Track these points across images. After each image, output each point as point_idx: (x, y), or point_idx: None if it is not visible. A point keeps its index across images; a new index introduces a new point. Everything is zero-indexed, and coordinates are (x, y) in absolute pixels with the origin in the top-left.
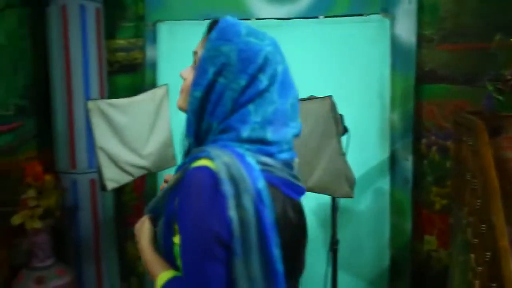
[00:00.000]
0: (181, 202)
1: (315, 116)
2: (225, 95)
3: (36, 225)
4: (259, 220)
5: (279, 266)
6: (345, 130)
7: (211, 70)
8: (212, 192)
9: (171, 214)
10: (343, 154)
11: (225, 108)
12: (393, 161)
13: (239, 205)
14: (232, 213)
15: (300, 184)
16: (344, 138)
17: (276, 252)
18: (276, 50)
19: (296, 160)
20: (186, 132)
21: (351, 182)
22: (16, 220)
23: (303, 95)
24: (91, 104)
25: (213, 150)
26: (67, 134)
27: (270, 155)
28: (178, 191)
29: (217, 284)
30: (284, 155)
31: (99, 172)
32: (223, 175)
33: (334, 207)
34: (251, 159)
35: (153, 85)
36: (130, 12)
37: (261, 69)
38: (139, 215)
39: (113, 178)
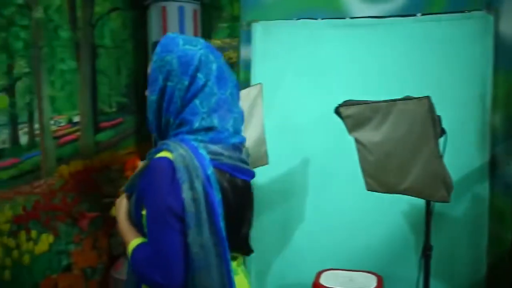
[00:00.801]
0: (146, 184)
1: (411, 117)
2: (175, 95)
3: None
4: (208, 199)
5: (223, 234)
6: (442, 132)
7: (160, 77)
8: (170, 178)
9: (140, 192)
10: (440, 157)
11: (176, 105)
12: (493, 165)
13: (192, 188)
14: (185, 194)
15: (248, 167)
16: (440, 141)
17: (221, 224)
18: (208, 52)
19: (245, 143)
20: (150, 130)
21: (448, 186)
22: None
23: (398, 95)
24: None
25: (172, 143)
26: None
27: (221, 141)
28: (145, 175)
29: (173, 249)
30: (233, 140)
31: None
32: (178, 164)
33: (429, 212)
34: (203, 150)
35: (246, 84)
36: (226, 12)
37: (198, 69)
38: None
39: None
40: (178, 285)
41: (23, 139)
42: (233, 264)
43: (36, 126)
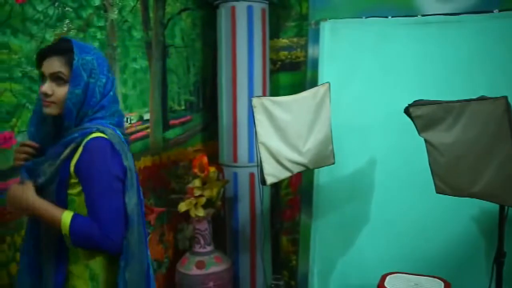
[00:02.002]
0: (86, 161)
1: (486, 117)
2: (95, 91)
3: (199, 213)
4: (133, 168)
5: (142, 196)
6: None
7: (84, 74)
8: (111, 151)
9: (66, 174)
10: None
11: (96, 99)
12: None
13: (127, 159)
14: (125, 163)
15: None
16: None
17: (140, 187)
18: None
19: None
20: (68, 119)
21: None
22: (182, 207)
23: (471, 95)
24: (255, 101)
25: (100, 126)
26: (230, 129)
27: (121, 123)
28: (80, 157)
29: (120, 211)
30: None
31: (260, 166)
32: (114, 140)
33: (503, 216)
34: (118, 131)
35: (314, 83)
36: (294, 11)
37: (108, 69)
38: (294, 210)
39: (273, 173)
40: (121, 241)
41: None
42: None
43: None
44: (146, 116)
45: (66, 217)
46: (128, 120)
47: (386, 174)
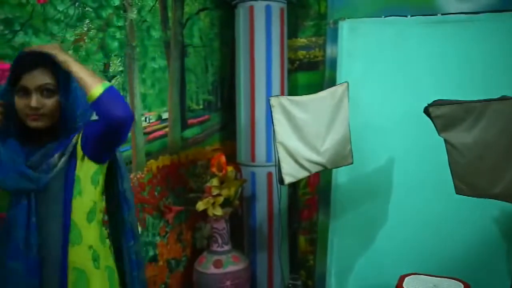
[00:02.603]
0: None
1: (507, 117)
2: (83, 100)
3: (217, 212)
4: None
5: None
6: None
7: (74, 85)
8: None
9: (75, 160)
10: None
11: (85, 101)
12: None
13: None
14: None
15: None
16: None
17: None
18: None
19: None
20: (69, 125)
21: None
22: (200, 206)
23: (491, 95)
24: (273, 100)
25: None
26: (248, 128)
27: None
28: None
29: None
30: None
31: (278, 166)
32: None
33: None
34: None
35: (332, 83)
36: (312, 11)
37: None
38: (312, 210)
39: (291, 172)
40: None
41: None
42: None
43: None
44: (165, 116)
45: (106, 84)
46: (147, 119)
47: (404, 174)
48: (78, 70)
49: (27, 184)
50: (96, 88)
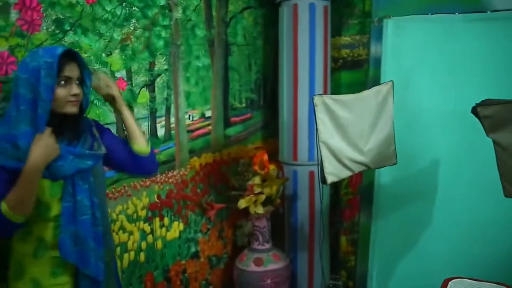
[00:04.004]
0: (101, 126)
1: None
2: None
3: (258, 210)
4: None
5: None
6: None
7: (88, 78)
8: None
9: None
10: None
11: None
12: None
13: None
14: None
15: None
16: None
17: None
18: None
19: None
20: (83, 111)
21: None
22: (242, 204)
23: None
24: (317, 99)
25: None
26: (291, 127)
27: None
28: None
29: None
30: None
31: (321, 165)
32: None
33: None
34: None
35: (376, 81)
36: (357, 9)
37: None
38: (354, 210)
39: (333, 172)
40: None
41: (160, 132)
42: None
43: (172, 120)
44: (208, 114)
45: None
46: (190, 117)
47: (450, 175)
48: (130, 119)
49: (85, 164)
50: (145, 146)
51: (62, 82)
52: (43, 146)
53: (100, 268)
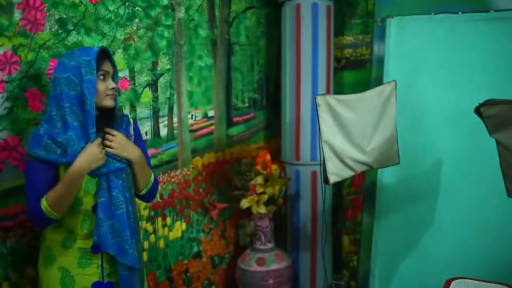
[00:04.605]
0: (137, 131)
1: None
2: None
3: (261, 210)
4: None
5: None
6: None
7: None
8: None
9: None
10: None
11: None
12: None
13: None
14: None
15: None
16: None
17: None
18: None
19: None
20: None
21: None
22: (244, 204)
23: None
24: (320, 99)
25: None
26: (293, 126)
27: None
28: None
29: None
30: None
31: (323, 165)
32: None
33: None
34: None
35: (379, 81)
36: (360, 9)
37: None
38: (356, 210)
39: (336, 172)
40: None
41: (163, 131)
42: None
43: (175, 119)
44: (211, 113)
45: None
46: (193, 117)
47: (452, 175)
48: (141, 178)
49: (121, 164)
50: (152, 176)
51: (101, 77)
52: (91, 155)
53: (136, 258)
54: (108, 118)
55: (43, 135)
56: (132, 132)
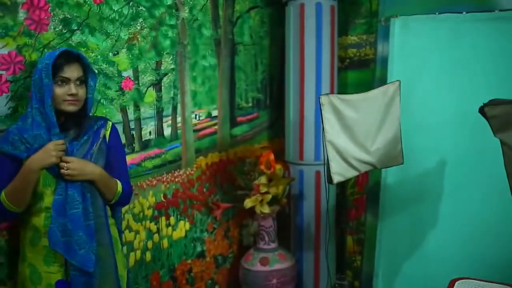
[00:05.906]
0: (115, 137)
1: None
2: (92, 90)
3: (264, 210)
4: None
5: None
6: None
7: (92, 79)
8: None
9: (111, 149)
10: None
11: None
12: None
13: None
14: None
15: None
16: None
17: None
18: None
19: None
20: (89, 111)
21: None
22: (248, 203)
23: None
24: (323, 99)
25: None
26: (297, 126)
27: None
28: (111, 134)
29: None
30: None
31: (327, 165)
32: None
33: None
34: None
35: (383, 81)
36: (364, 8)
37: None
38: (360, 210)
39: (340, 172)
40: None
41: (167, 131)
42: None
43: (179, 119)
44: (214, 113)
45: (120, 185)
46: (197, 116)
47: (456, 175)
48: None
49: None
50: (119, 187)
51: (59, 82)
52: (44, 151)
53: (90, 260)
54: (77, 121)
55: (12, 131)
56: (102, 135)
